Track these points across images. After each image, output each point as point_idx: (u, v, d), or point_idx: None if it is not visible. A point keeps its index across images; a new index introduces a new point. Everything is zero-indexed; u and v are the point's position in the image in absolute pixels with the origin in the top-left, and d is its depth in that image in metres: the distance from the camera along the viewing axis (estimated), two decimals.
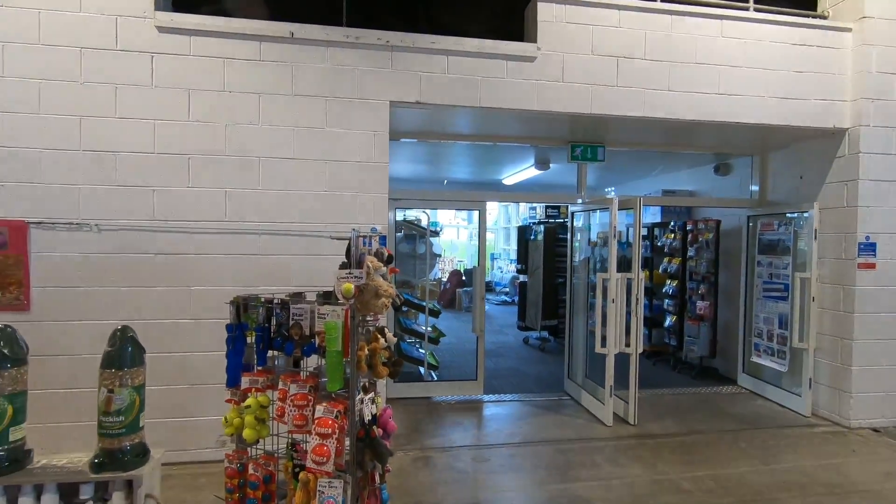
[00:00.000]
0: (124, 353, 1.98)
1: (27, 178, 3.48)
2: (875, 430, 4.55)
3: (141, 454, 2.02)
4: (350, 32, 3.87)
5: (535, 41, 4.16)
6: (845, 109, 4.62)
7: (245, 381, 2.31)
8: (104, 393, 1.94)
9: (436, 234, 7.12)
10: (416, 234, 6.18)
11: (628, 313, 4.64)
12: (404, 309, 6.06)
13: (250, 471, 2.30)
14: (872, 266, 4.55)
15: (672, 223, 7.13)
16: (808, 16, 4.68)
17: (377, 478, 2.29)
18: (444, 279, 13.00)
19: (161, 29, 3.62)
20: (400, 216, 6.00)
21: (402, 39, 3.95)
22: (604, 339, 4.57)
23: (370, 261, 2.16)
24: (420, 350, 5.89)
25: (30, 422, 2.02)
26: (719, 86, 4.43)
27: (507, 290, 14.21)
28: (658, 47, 4.33)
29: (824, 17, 4.75)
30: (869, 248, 4.54)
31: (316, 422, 2.04)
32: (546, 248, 7.95)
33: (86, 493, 1.95)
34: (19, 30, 3.46)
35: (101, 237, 3.57)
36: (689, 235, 6.63)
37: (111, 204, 3.58)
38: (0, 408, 1.85)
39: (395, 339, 2.53)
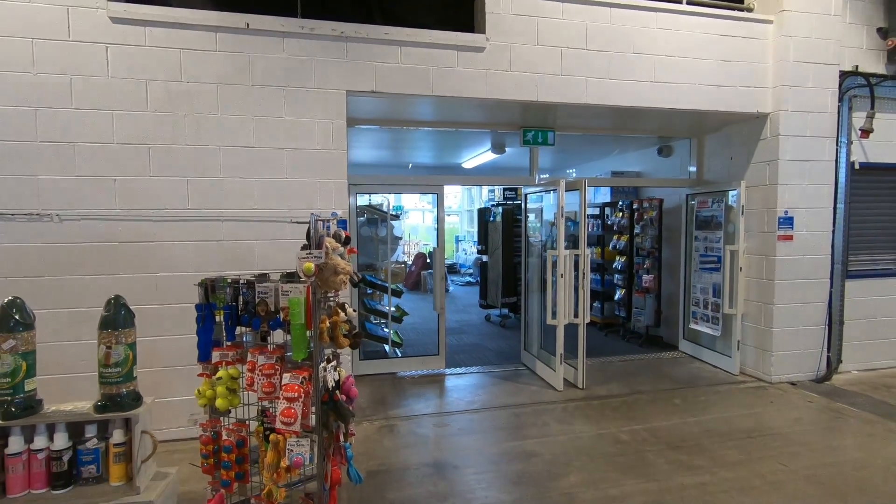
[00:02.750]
0: (118, 315, 2.37)
1: None
2: (792, 383, 5.12)
3: (136, 399, 2.44)
4: (305, 24, 3.99)
5: (483, 32, 4.39)
6: (767, 96, 5.07)
7: (216, 355, 2.51)
8: (103, 349, 2.34)
9: (396, 217, 7.32)
10: (378, 218, 6.37)
11: (577, 287, 5.02)
12: (369, 291, 6.28)
13: (224, 437, 2.51)
14: (790, 238, 5.06)
15: (620, 202, 7.57)
16: (734, 8, 5.07)
17: (341, 437, 2.56)
18: (410, 262, 13.23)
19: (114, 19, 3.66)
20: (364, 201, 6.16)
21: (357, 30, 4.10)
22: (554, 311, 4.94)
23: (328, 242, 2.38)
24: (385, 329, 6.14)
25: None
26: (655, 74, 4.78)
27: (472, 271, 14.55)
28: (598, 38, 4.63)
29: (749, 10, 5.15)
30: (787, 221, 5.04)
31: (284, 387, 2.28)
32: (504, 229, 8.27)
33: (90, 431, 2.38)
34: None
35: (62, 227, 3.63)
36: (636, 214, 7.08)
37: (72, 194, 3.64)
38: (16, 364, 2.26)
39: (356, 314, 2.77)
